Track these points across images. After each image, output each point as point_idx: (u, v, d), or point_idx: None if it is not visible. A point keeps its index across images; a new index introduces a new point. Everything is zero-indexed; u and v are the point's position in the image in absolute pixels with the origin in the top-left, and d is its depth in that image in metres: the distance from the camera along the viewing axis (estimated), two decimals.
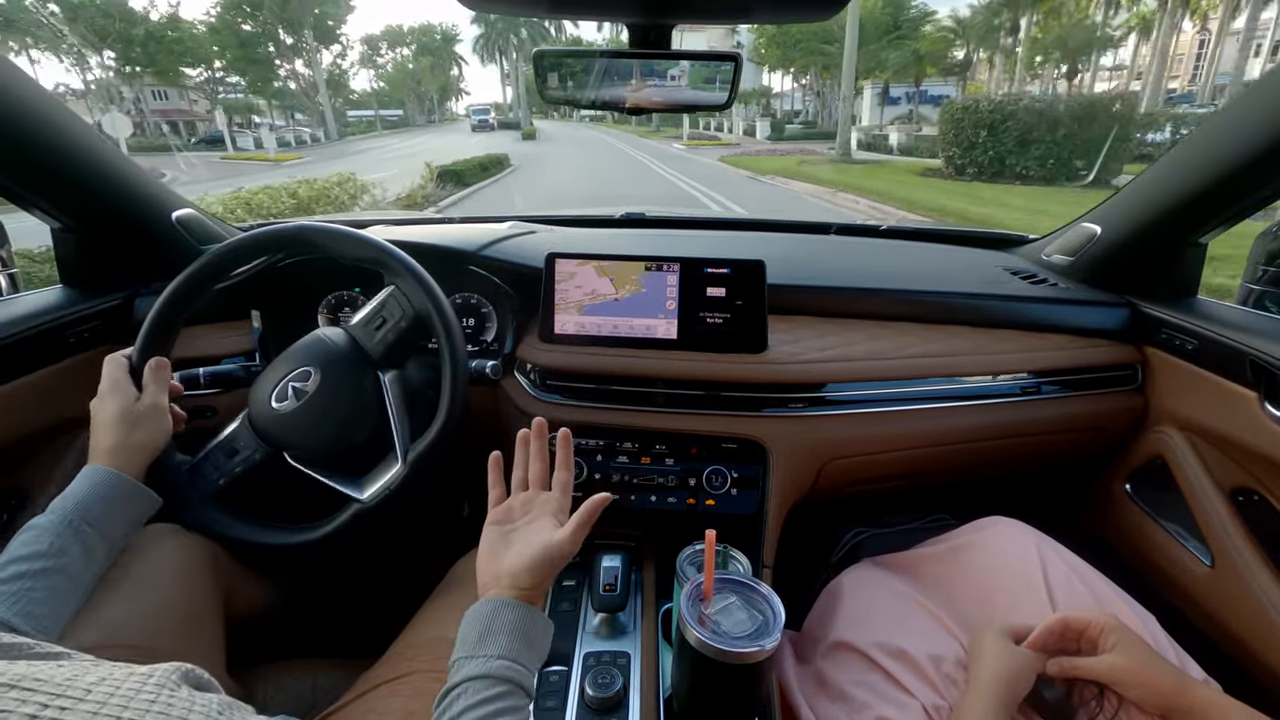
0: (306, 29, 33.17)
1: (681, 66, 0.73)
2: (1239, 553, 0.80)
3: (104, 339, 0.94)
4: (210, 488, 0.76)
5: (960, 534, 0.82)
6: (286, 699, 0.76)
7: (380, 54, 57.58)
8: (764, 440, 0.86)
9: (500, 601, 0.52)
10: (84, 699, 0.24)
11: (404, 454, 0.75)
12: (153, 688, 0.26)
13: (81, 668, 0.26)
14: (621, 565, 0.76)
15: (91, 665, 0.27)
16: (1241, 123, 0.76)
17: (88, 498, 0.61)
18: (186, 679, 0.29)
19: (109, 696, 0.24)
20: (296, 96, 35.71)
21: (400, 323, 0.77)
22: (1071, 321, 0.98)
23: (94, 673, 0.26)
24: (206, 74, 33.92)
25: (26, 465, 0.85)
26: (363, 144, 29.92)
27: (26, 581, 0.53)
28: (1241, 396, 0.78)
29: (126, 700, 0.25)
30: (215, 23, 30.58)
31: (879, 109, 30.94)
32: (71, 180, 0.85)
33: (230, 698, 0.29)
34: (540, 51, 0.72)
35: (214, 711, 0.27)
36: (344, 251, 0.77)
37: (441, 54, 58.23)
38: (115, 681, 0.25)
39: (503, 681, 0.47)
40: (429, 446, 0.75)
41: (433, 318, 0.75)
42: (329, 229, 0.77)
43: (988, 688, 0.57)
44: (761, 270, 0.88)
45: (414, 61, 56.94)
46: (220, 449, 0.78)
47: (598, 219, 1.44)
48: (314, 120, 36.93)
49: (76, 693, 0.24)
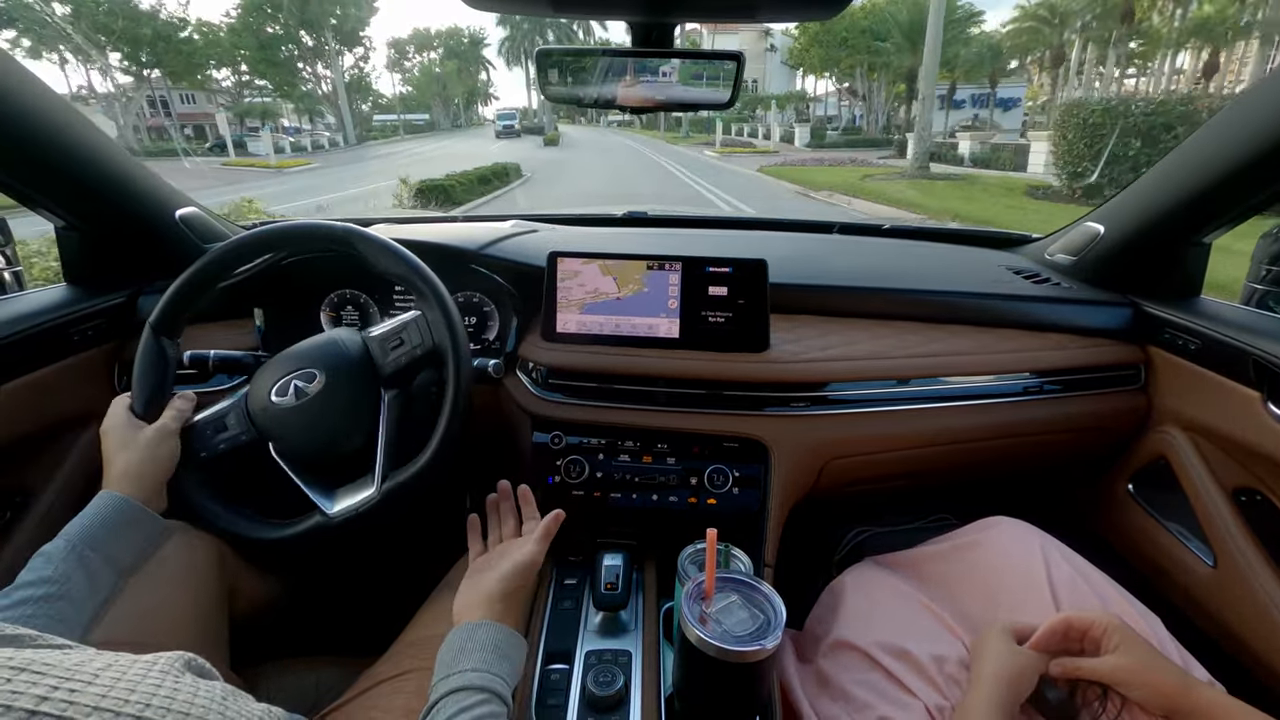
0: (327, 30, 32.27)
1: (683, 65, 0.73)
2: (1242, 553, 0.80)
3: (108, 337, 0.94)
4: (191, 458, 0.75)
5: (964, 533, 0.82)
6: (289, 696, 0.76)
7: (408, 58, 55.69)
8: (766, 439, 0.86)
9: (473, 625, 0.58)
10: (92, 682, 0.24)
11: (380, 480, 0.73)
12: (158, 674, 0.27)
13: (88, 655, 0.27)
14: (623, 564, 0.76)
15: (97, 654, 0.27)
16: (1245, 121, 0.76)
17: (93, 524, 0.62)
18: (190, 667, 0.29)
19: (116, 681, 0.25)
20: (320, 100, 35.00)
21: (416, 350, 0.76)
22: (1074, 321, 0.97)
23: (100, 660, 0.26)
24: (235, 78, 33.27)
25: (30, 463, 0.85)
26: (382, 149, 28.92)
27: (29, 608, 0.54)
28: (1245, 396, 0.78)
29: (133, 685, 0.25)
30: (235, 24, 29.53)
31: (942, 114, 27.09)
32: (75, 179, 0.85)
33: (231, 686, 0.30)
34: (542, 50, 0.72)
35: (217, 697, 0.27)
36: (381, 264, 0.77)
37: (468, 58, 56.61)
38: (121, 668, 0.26)
39: (479, 691, 0.51)
40: (407, 480, 0.73)
41: (447, 356, 0.74)
42: (373, 238, 0.76)
43: (990, 688, 0.57)
44: (764, 269, 0.88)
45: (440, 65, 55.55)
46: (210, 423, 0.77)
47: (600, 218, 1.44)
48: (339, 124, 36.27)
49: (85, 676, 0.24)
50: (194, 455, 0.75)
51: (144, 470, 0.68)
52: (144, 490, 0.67)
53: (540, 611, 0.77)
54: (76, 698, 0.23)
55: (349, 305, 1.07)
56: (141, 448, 0.69)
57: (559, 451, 0.89)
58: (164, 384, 0.75)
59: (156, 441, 0.70)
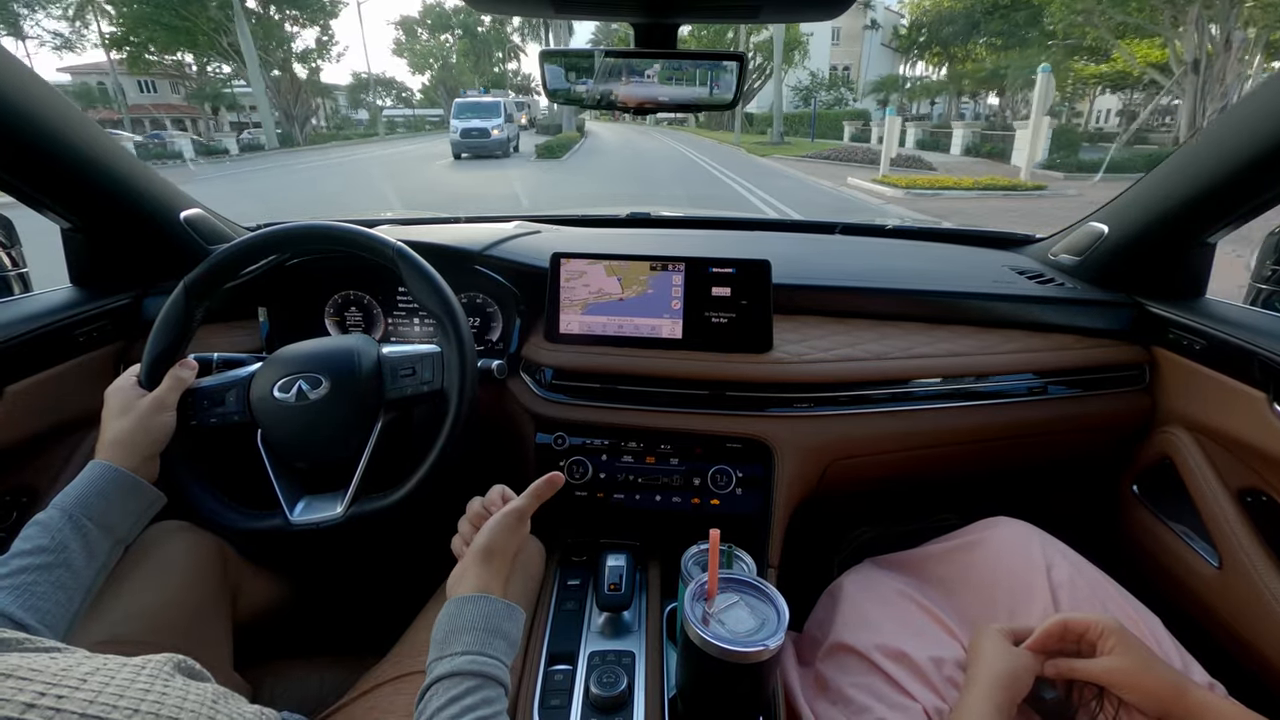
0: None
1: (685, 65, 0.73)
2: (1247, 554, 0.80)
3: (113, 338, 0.94)
4: (182, 424, 0.74)
5: (964, 534, 0.82)
6: (291, 697, 0.76)
7: (419, 40, 44.96)
8: (769, 440, 0.86)
9: (461, 600, 0.55)
10: (79, 688, 0.24)
11: (349, 504, 0.73)
12: (146, 678, 0.27)
13: (76, 659, 0.27)
14: (626, 564, 0.77)
15: (86, 658, 0.27)
16: (1249, 121, 0.75)
17: (86, 492, 0.61)
18: (180, 669, 0.29)
19: (104, 686, 0.25)
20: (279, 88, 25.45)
21: (423, 386, 0.76)
22: (1078, 321, 0.97)
23: (89, 664, 0.26)
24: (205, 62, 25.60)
25: (35, 463, 0.86)
26: (318, 155, 19.30)
27: (30, 575, 0.53)
28: (1250, 397, 0.78)
29: (121, 690, 0.25)
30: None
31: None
32: (80, 180, 0.86)
33: (223, 688, 0.30)
34: (545, 52, 0.72)
35: (208, 700, 0.27)
36: (416, 290, 0.77)
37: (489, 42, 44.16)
38: (110, 672, 0.26)
39: (471, 676, 0.49)
40: (373, 511, 0.73)
41: (450, 405, 0.74)
42: (420, 266, 0.76)
43: (986, 689, 0.57)
44: (767, 270, 0.88)
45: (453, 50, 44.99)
46: (208, 394, 0.76)
47: (603, 218, 1.44)
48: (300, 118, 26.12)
49: (72, 682, 0.24)
50: (184, 422, 0.74)
51: (135, 440, 0.67)
52: (133, 459, 0.66)
53: (544, 612, 0.77)
54: (64, 704, 0.23)
55: (353, 306, 1.07)
56: (135, 417, 0.68)
57: (562, 452, 0.89)
58: (176, 347, 0.75)
59: (151, 412, 0.69)
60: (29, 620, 0.51)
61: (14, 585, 0.52)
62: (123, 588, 0.67)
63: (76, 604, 0.56)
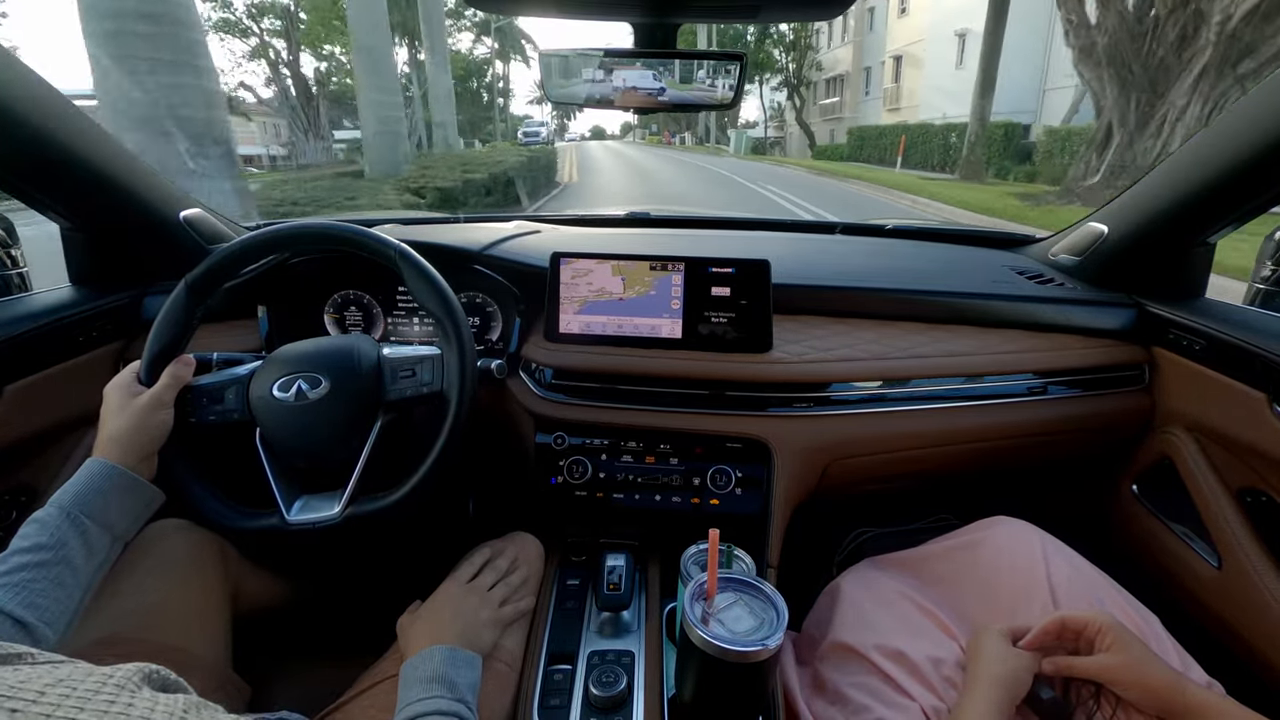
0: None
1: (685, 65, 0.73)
2: (1247, 554, 0.80)
3: (113, 337, 0.94)
4: (180, 421, 0.74)
5: (964, 533, 0.82)
6: (291, 696, 0.76)
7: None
8: (769, 440, 0.86)
9: (415, 658, 0.62)
10: (37, 700, 0.23)
11: (346, 505, 0.72)
12: (112, 689, 0.26)
13: (40, 670, 0.26)
14: (626, 564, 0.77)
15: (51, 669, 0.26)
16: (1250, 121, 0.75)
17: (84, 490, 0.61)
18: (150, 680, 0.28)
19: (64, 699, 0.24)
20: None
21: (423, 388, 0.75)
22: (1078, 321, 0.97)
23: (50, 675, 0.25)
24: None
25: (34, 463, 0.86)
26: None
27: (29, 573, 0.53)
28: (1250, 397, 0.78)
29: (82, 703, 0.24)
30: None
31: None
32: (80, 180, 0.86)
33: (198, 698, 0.29)
34: (544, 51, 0.72)
35: (178, 712, 0.26)
36: (417, 291, 0.76)
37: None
38: (72, 683, 0.25)
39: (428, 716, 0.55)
40: (371, 512, 0.72)
41: (449, 407, 0.74)
42: (421, 266, 0.76)
43: (985, 689, 0.57)
44: (766, 270, 0.88)
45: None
46: (207, 391, 0.75)
47: (602, 218, 1.44)
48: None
49: (29, 695, 0.23)
50: (183, 419, 0.74)
51: (132, 438, 0.67)
52: (131, 456, 0.66)
53: (543, 612, 0.77)
54: (18, 718, 0.22)
55: (353, 306, 1.07)
56: (133, 414, 0.67)
57: (562, 452, 0.89)
58: (177, 345, 0.75)
59: (149, 409, 0.69)
60: (28, 618, 0.51)
61: (13, 583, 0.52)
62: (122, 585, 0.67)
63: (75, 601, 0.56)
